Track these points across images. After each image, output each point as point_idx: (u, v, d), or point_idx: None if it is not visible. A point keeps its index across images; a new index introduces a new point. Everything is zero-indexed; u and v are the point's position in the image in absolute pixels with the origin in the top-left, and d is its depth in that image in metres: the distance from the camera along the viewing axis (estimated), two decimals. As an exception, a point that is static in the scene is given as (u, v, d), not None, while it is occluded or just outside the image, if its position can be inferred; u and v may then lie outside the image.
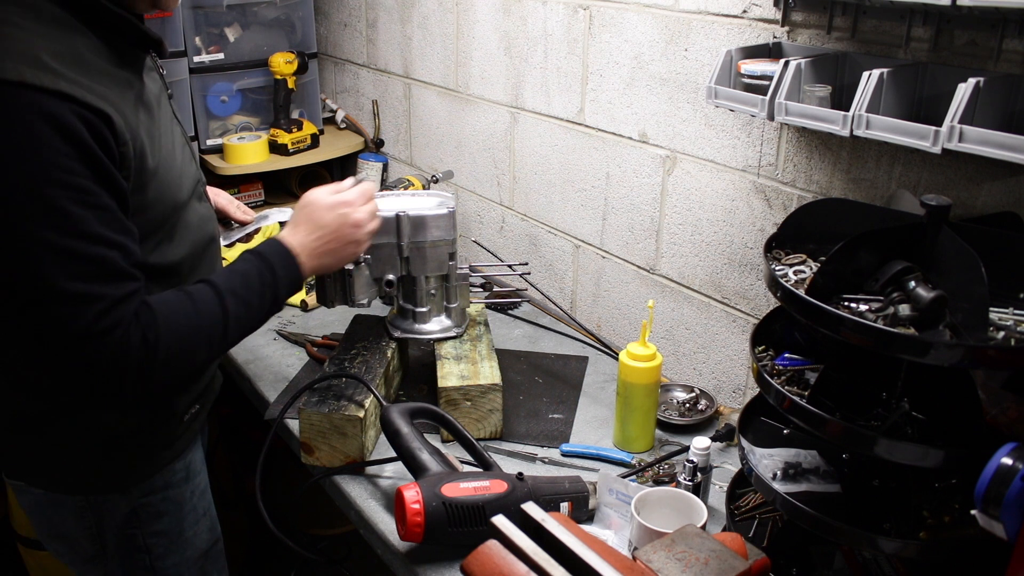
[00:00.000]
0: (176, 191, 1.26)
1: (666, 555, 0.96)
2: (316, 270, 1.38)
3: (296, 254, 1.32)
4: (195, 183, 1.35)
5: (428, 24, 2.32)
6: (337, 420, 1.44)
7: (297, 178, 2.69)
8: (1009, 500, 0.85)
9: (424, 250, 1.62)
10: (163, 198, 1.22)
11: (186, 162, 1.33)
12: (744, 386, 1.69)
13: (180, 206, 1.27)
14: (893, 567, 1.19)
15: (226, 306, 1.21)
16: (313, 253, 1.36)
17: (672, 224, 1.75)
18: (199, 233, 1.33)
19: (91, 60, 1.10)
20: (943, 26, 1.20)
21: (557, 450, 1.56)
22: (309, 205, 1.39)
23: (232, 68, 2.57)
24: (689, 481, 1.34)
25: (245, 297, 1.24)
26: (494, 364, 1.61)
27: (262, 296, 1.27)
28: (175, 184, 1.26)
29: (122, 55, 1.17)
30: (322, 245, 1.37)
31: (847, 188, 1.41)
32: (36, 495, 1.34)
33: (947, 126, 1.05)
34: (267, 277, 1.27)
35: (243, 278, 1.25)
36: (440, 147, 2.41)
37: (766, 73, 1.29)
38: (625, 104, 1.78)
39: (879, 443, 1.01)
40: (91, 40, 1.12)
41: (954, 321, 1.00)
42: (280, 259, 1.31)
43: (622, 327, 1.96)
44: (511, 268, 1.85)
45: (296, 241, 1.34)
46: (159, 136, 1.22)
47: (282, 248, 1.32)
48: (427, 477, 1.27)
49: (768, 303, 1.57)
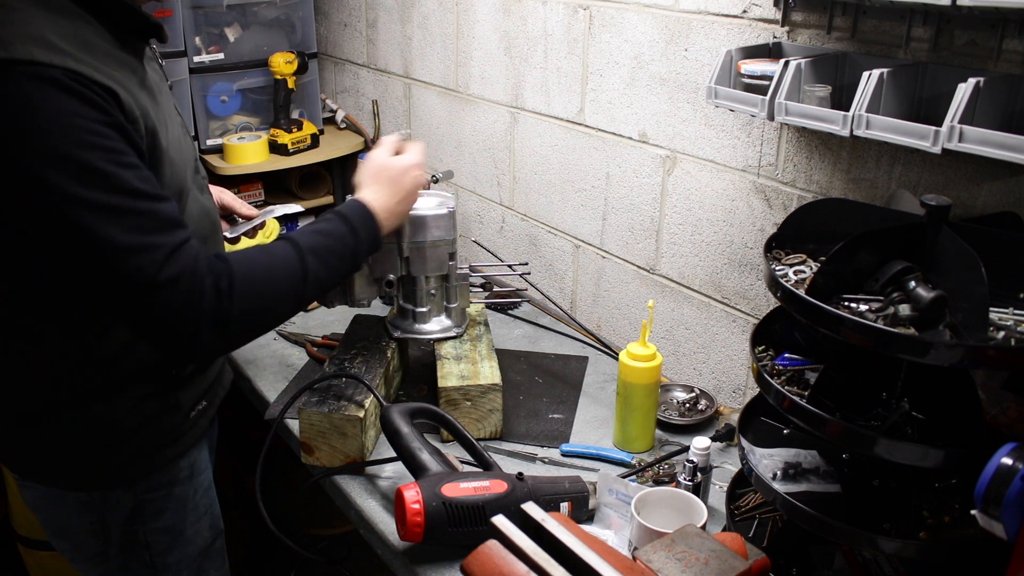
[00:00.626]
0: (180, 178, 1.27)
1: (666, 555, 0.96)
2: (390, 230, 1.42)
3: (376, 215, 1.36)
4: (195, 174, 1.37)
5: (428, 24, 2.32)
6: (337, 420, 1.44)
7: (297, 178, 2.69)
8: (1009, 500, 0.85)
9: (424, 250, 1.62)
10: (174, 182, 1.23)
11: (187, 150, 1.34)
12: (744, 386, 1.69)
13: (184, 194, 1.28)
14: (893, 567, 1.19)
15: (306, 263, 1.23)
16: (391, 213, 1.40)
17: (672, 224, 1.75)
18: (199, 224, 1.33)
19: (96, 43, 1.12)
20: (943, 26, 1.20)
21: (557, 450, 1.56)
22: (385, 167, 1.43)
23: (232, 68, 2.57)
24: (689, 481, 1.34)
25: (325, 256, 1.26)
26: (494, 364, 1.61)
27: (342, 256, 1.30)
28: (180, 170, 1.27)
29: (124, 41, 1.18)
30: (397, 205, 1.42)
31: (847, 188, 1.41)
32: (40, 491, 1.34)
33: (947, 126, 1.05)
34: (349, 239, 1.31)
35: (325, 237, 1.28)
36: (440, 147, 2.41)
37: (766, 73, 1.29)
38: (625, 104, 1.78)
39: (879, 443, 1.01)
40: (93, 26, 1.14)
41: (954, 321, 1.00)
42: (362, 220, 1.34)
43: (622, 327, 1.96)
44: (511, 268, 1.85)
45: (377, 202, 1.38)
46: (166, 121, 1.23)
47: (364, 209, 1.36)
48: (427, 477, 1.27)
49: (768, 303, 1.57)
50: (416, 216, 1.59)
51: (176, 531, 1.41)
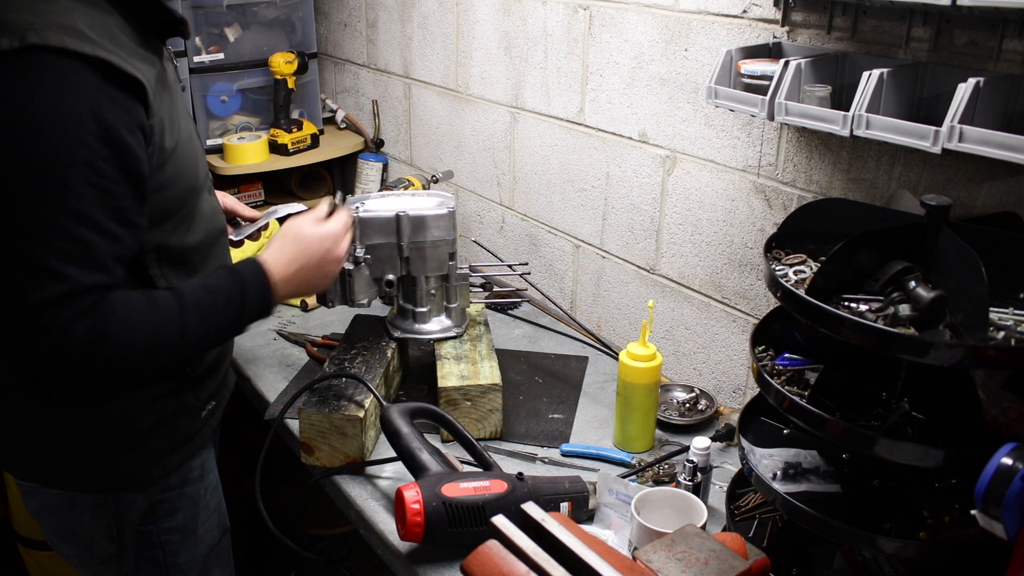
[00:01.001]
0: (193, 176, 1.27)
1: (666, 555, 0.96)
2: (286, 298, 1.36)
3: (273, 282, 1.29)
4: (206, 173, 1.38)
5: (428, 24, 2.32)
6: (337, 420, 1.44)
7: (297, 178, 2.69)
8: (1009, 500, 0.85)
9: (424, 250, 1.62)
10: (181, 180, 1.23)
11: (198, 152, 1.34)
12: (744, 386, 1.69)
13: (197, 191, 1.29)
14: (893, 567, 1.19)
15: (186, 319, 1.18)
16: (290, 282, 1.33)
17: (672, 224, 1.75)
18: (211, 223, 1.34)
19: (120, 36, 1.13)
20: (943, 26, 1.20)
21: (557, 450, 1.56)
22: (301, 234, 1.37)
23: (232, 68, 2.57)
24: (689, 481, 1.34)
25: (208, 314, 1.21)
26: (494, 364, 1.61)
27: (224, 316, 1.24)
28: (192, 168, 1.27)
29: (145, 38, 1.19)
30: (299, 274, 1.34)
31: (847, 188, 1.41)
32: (49, 496, 1.34)
33: (947, 126, 1.05)
34: (236, 299, 1.24)
35: (211, 295, 1.22)
36: (440, 147, 2.41)
37: (766, 73, 1.28)
38: (625, 104, 1.78)
39: (879, 443, 1.01)
40: (117, 19, 1.15)
41: (954, 321, 1.00)
42: (254, 283, 1.27)
43: (622, 327, 1.96)
44: (511, 268, 1.85)
45: (276, 268, 1.31)
46: (178, 118, 1.24)
47: (259, 272, 1.29)
48: (427, 477, 1.27)
49: (768, 303, 1.57)
50: (416, 216, 1.59)
51: (188, 530, 1.41)
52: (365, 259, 1.59)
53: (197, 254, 1.30)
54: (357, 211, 1.59)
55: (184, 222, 1.26)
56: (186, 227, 1.27)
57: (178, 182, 1.22)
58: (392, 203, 1.62)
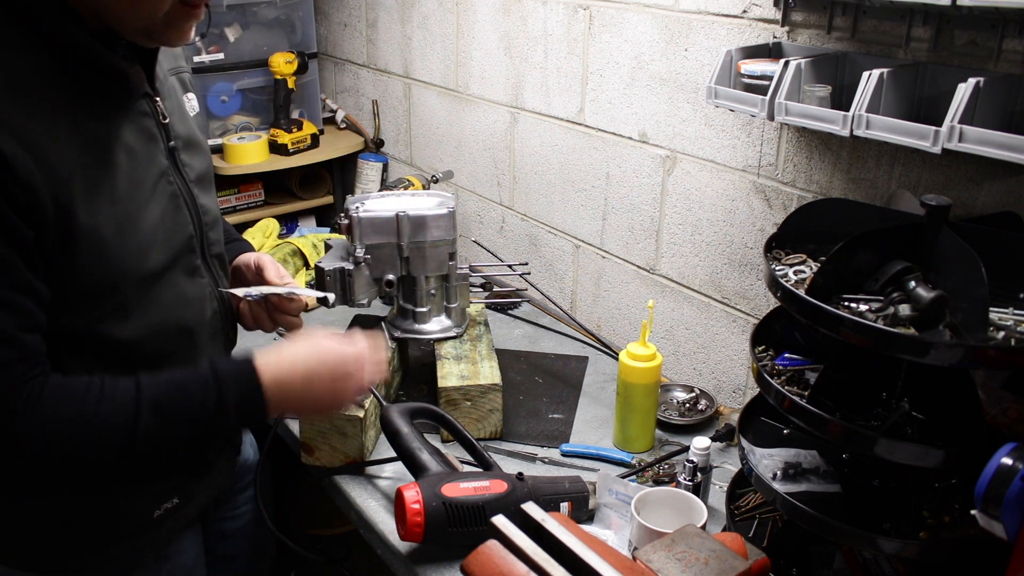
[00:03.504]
0: (136, 262, 1.05)
1: (666, 555, 0.96)
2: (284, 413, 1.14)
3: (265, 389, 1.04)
4: (183, 253, 1.15)
5: (428, 24, 2.32)
6: (337, 420, 1.44)
7: (297, 178, 2.69)
8: (1009, 500, 0.85)
9: (424, 250, 1.62)
10: (107, 266, 1.01)
11: (171, 228, 1.12)
12: (744, 386, 1.69)
13: (142, 280, 1.07)
14: (893, 567, 1.19)
15: (139, 418, 0.97)
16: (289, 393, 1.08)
17: (672, 224, 1.75)
18: (170, 315, 1.12)
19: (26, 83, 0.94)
20: (943, 26, 1.20)
21: (557, 450, 1.56)
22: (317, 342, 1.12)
23: (232, 68, 2.57)
24: (689, 481, 1.34)
25: (170, 415, 0.99)
26: (494, 364, 1.61)
27: (193, 422, 1.01)
28: (134, 253, 1.05)
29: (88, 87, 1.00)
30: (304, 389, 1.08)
31: (847, 188, 1.41)
32: None
33: (947, 126, 1.05)
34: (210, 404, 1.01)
35: (180, 391, 1.01)
36: (440, 147, 2.41)
37: (766, 73, 1.29)
38: (625, 104, 1.78)
39: (879, 443, 1.01)
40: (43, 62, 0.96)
41: (954, 321, 1.00)
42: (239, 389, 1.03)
43: (622, 327, 1.96)
44: (511, 268, 1.85)
45: (273, 373, 1.05)
46: (115, 192, 1.02)
47: (251, 378, 1.04)
48: (427, 477, 1.27)
49: (768, 303, 1.57)
50: (416, 216, 1.59)
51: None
52: (365, 259, 1.59)
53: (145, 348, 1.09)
54: (357, 211, 1.59)
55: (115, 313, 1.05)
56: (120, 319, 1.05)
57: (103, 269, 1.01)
58: (392, 203, 1.62)
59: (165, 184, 1.12)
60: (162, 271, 1.10)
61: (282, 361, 1.08)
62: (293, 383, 1.08)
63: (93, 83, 1.01)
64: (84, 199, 0.97)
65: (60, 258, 0.96)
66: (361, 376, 1.15)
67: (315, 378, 1.09)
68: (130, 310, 1.06)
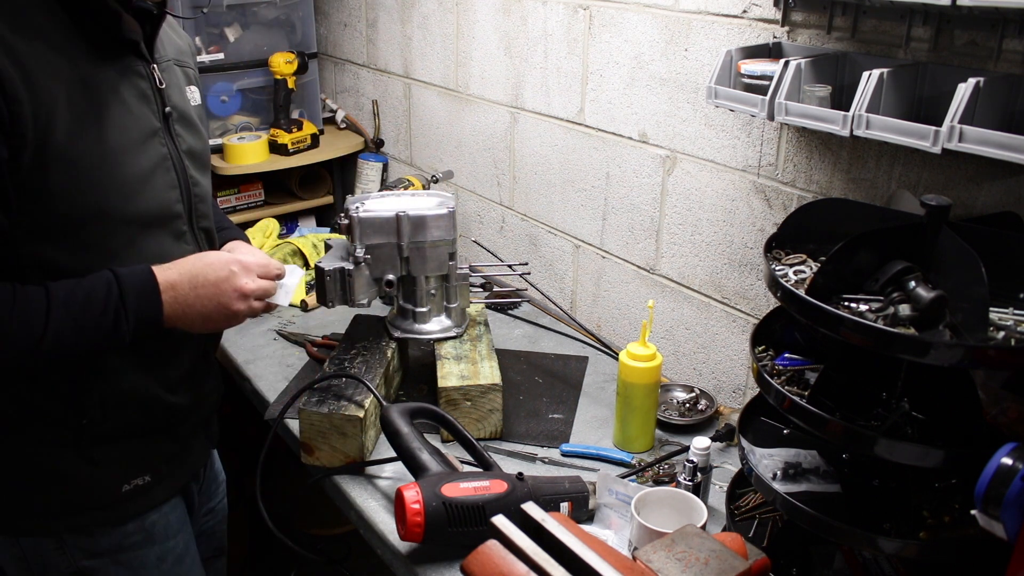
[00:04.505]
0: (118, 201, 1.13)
1: (666, 555, 0.96)
2: (178, 320, 1.18)
3: (161, 290, 1.15)
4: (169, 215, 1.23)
5: (428, 24, 2.32)
6: (337, 420, 1.44)
7: (297, 178, 2.69)
8: (1009, 500, 0.85)
9: (424, 250, 1.61)
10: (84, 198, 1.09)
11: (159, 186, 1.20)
12: (744, 386, 1.69)
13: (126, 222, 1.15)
14: (893, 567, 1.19)
15: (50, 317, 1.06)
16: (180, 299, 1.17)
17: (672, 224, 1.75)
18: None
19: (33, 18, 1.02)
20: (943, 26, 1.20)
21: (557, 450, 1.56)
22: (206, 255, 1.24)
23: (232, 68, 2.57)
24: (689, 481, 1.34)
25: (77, 315, 1.08)
26: (494, 364, 1.61)
27: (99, 321, 1.10)
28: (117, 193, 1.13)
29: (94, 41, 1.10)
30: (193, 292, 1.18)
31: (847, 188, 1.41)
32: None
33: (947, 126, 1.05)
34: (113, 302, 1.11)
35: (86, 294, 1.09)
36: (440, 147, 2.41)
37: (766, 73, 1.29)
38: (625, 104, 1.78)
39: (879, 443, 1.01)
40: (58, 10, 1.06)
41: (954, 321, 1.00)
42: (139, 288, 1.13)
43: (622, 327, 1.96)
44: (511, 268, 1.85)
45: (166, 277, 1.16)
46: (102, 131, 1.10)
47: (148, 279, 1.14)
48: (427, 477, 1.27)
49: (768, 303, 1.57)
50: (416, 216, 1.59)
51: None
52: (365, 259, 1.59)
53: None
54: (357, 211, 1.59)
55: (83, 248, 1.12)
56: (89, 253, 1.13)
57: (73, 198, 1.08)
58: (392, 203, 1.62)
59: (157, 144, 1.20)
60: (148, 223, 1.18)
61: (172, 266, 1.18)
62: (181, 283, 1.17)
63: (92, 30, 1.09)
64: (67, 126, 1.04)
65: (35, 178, 1.03)
66: (245, 280, 1.22)
67: (200, 278, 1.18)
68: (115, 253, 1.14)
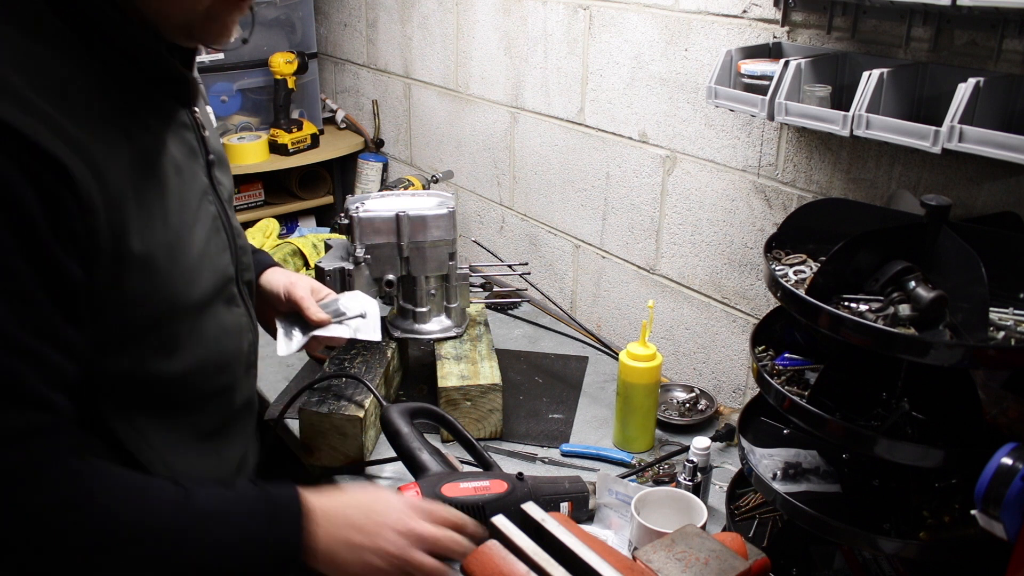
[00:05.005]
0: (185, 289, 0.96)
1: (666, 555, 0.96)
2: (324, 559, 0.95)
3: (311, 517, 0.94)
4: (224, 281, 1.05)
5: (428, 24, 2.32)
6: (337, 420, 1.44)
7: (297, 178, 2.69)
8: (1009, 500, 0.85)
9: (424, 250, 1.62)
10: (157, 296, 0.92)
11: (214, 253, 1.03)
12: (744, 386, 1.69)
13: (190, 309, 0.98)
14: (893, 567, 1.19)
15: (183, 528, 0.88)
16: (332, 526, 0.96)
17: (672, 224, 1.75)
18: (215, 347, 1.03)
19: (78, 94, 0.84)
20: (943, 26, 1.20)
21: (557, 450, 1.56)
22: (374, 489, 1.04)
23: (232, 68, 2.57)
24: (689, 481, 1.34)
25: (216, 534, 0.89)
26: (494, 364, 1.61)
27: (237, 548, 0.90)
28: (184, 280, 0.96)
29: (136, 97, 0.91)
30: (347, 527, 0.96)
31: (847, 188, 1.41)
32: None
33: (947, 126, 1.05)
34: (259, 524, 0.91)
35: (227, 505, 0.91)
36: (440, 147, 2.41)
37: (766, 73, 1.29)
38: (625, 104, 1.78)
39: (879, 443, 1.01)
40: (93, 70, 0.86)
41: (954, 321, 1.00)
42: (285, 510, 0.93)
43: (622, 327, 1.96)
44: (511, 268, 1.85)
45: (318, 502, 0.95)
46: (167, 213, 0.93)
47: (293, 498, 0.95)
48: (427, 477, 1.27)
49: (768, 303, 1.57)
50: (416, 216, 1.59)
51: None
52: (365, 259, 1.59)
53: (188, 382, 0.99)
54: (357, 211, 1.59)
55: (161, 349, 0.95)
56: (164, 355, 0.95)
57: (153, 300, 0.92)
58: (392, 203, 1.62)
59: (207, 204, 1.03)
60: (208, 301, 1.01)
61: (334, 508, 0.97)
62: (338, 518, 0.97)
63: (144, 92, 0.92)
64: (138, 223, 0.88)
65: (111, 292, 0.86)
66: (414, 526, 1.01)
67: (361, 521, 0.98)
68: (178, 344, 0.97)
